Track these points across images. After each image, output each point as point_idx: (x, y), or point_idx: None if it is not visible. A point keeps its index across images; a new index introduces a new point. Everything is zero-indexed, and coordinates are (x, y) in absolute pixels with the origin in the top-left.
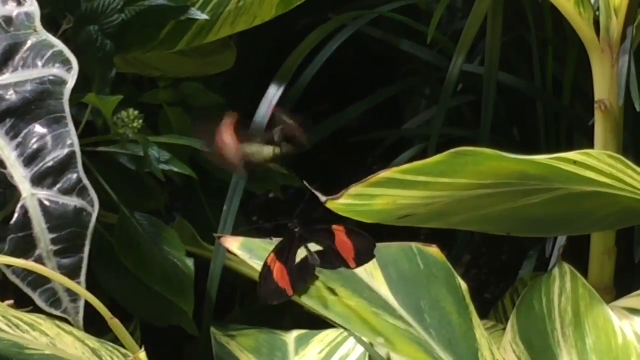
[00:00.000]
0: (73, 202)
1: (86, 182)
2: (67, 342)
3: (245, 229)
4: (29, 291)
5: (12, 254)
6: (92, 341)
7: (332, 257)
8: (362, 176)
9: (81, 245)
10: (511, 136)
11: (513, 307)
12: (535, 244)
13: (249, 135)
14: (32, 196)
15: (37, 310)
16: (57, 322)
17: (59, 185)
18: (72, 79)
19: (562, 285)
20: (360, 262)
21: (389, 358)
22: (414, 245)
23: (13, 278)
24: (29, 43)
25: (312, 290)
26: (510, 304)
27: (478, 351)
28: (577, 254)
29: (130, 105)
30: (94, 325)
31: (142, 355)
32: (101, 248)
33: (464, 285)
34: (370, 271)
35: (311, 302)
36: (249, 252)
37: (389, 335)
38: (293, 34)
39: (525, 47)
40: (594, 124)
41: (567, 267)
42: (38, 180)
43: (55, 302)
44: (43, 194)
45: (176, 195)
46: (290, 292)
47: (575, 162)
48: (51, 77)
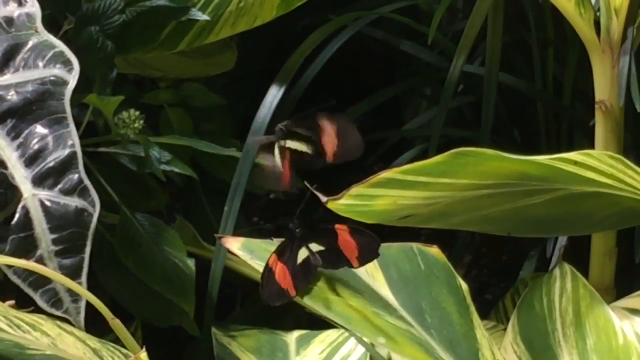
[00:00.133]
0: (74, 202)
1: (87, 182)
2: (68, 343)
3: (246, 229)
4: (30, 291)
5: (13, 254)
6: (93, 341)
7: (334, 257)
8: (362, 176)
9: (82, 245)
10: (512, 137)
11: (514, 308)
12: (536, 244)
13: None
14: (33, 196)
15: (38, 310)
16: (58, 323)
17: (60, 186)
18: (73, 80)
19: (563, 285)
20: (363, 261)
21: (389, 358)
22: (415, 245)
23: (14, 278)
24: (30, 43)
25: (313, 290)
26: (510, 304)
27: (479, 351)
28: (577, 255)
29: (131, 105)
30: (95, 325)
31: (143, 355)
32: (102, 248)
33: (464, 286)
34: (371, 271)
35: (312, 302)
36: (250, 253)
37: (389, 336)
38: (294, 35)
39: (525, 47)
40: (594, 125)
41: (567, 267)
42: (39, 181)
43: (56, 302)
44: (44, 194)
45: (177, 196)
46: (293, 292)
47: (575, 163)
48: (52, 78)
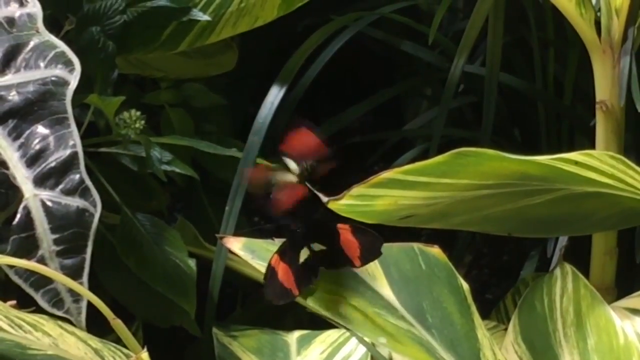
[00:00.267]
0: (75, 202)
1: (88, 182)
2: (69, 343)
3: (248, 229)
4: (31, 291)
5: (15, 254)
6: (95, 341)
7: (336, 257)
8: (363, 177)
9: (83, 245)
10: (512, 137)
11: (514, 308)
12: (537, 244)
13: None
14: (34, 197)
15: (39, 310)
16: (60, 323)
17: (61, 186)
18: (74, 80)
19: (564, 285)
20: (365, 260)
21: (390, 358)
22: (416, 245)
23: (15, 278)
24: (31, 44)
25: (315, 290)
26: (511, 305)
27: (480, 351)
28: (578, 255)
29: (132, 106)
30: (96, 325)
31: (145, 355)
32: (103, 248)
33: (465, 286)
34: (372, 271)
35: (313, 302)
36: (251, 253)
37: (391, 336)
38: (295, 35)
39: (526, 47)
40: (595, 125)
41: (568, 267)
42: (40, 181)
43: (58, 302)
44: (45, 194)
45: (178, 196)
46: (296, 292)
47: (576, 163)
48: (53, 78)
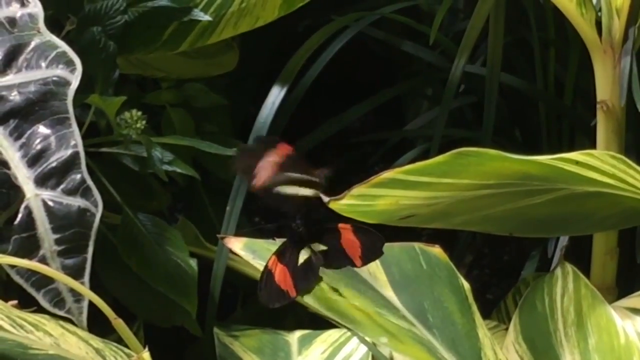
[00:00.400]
0: (77, 202)
1: (90, 182)
2: (70, 342)
3: (248, 229)
4: (32, 291)
5: (16, 254)
6: (96, 341)
7: (337, 257)
8: (364, 177)
9: (85, 245)
10: (513, 137)
11: (515, 308)
12: (537, 244)
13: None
14: (35, 196)
15: (40, 310)
16: (61, 322)
17: (62, 186)
18: (75, 80)
19: (565, 285)
20: (367, 260)
21: (391, 357)
22: (417, 245)
23: (17, 278)
24: (33, 44)
25: (316, 290)
26: (512, 304)
27: (481, 350)
28: (579, 254)
29: (133, 106)
30: (98, 325)
31: (146, 355)
32: (104, 248)
33: (466, 285)
34: (373, 271)
35: (314, 302)
36: (252, 253)
37: (392, 335)
38: (295, 35)
39: (527, 48)
40: (595, 125)
41: (569, 267)
42: (42, 181)
43: (59, 302)
44: (47, 194)
45: (179, 196)
46: (294, 293)
47: (577, 163)
48: (55, 78)
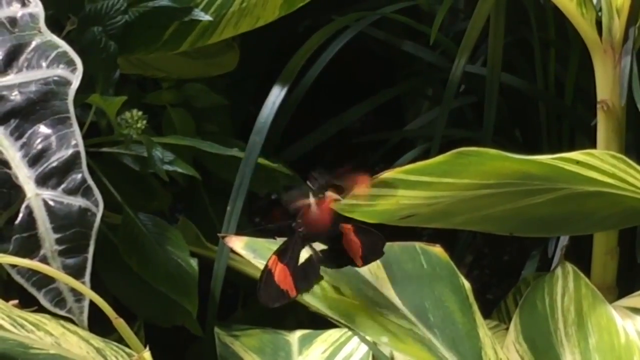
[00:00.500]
0: (77, 202)
1: (90, 182)
2: (71, 342)
3: (249, 230)
4: (33, 291)
5: (17, 253)
6: (97, 341)
7: (338, 256)
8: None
9: (85, 245)
10: (513, 137)
11: (515, 307)
12: (538, 244)
13: None
14: (36, 196)
15: (41, 309)
16: (62, 322)
17: (63, 186)
18: (76, 80)
19: (565, 284)
20: (368, 259)
21: (392, 357)
22: (418, 244)
23: (18, 278)
24: (33, 44)
25: (316, 289)
26: (512, 304)
27: (481, 350)
28: (579, 254)
29: (134, 106)
30: (98, 325)
31: (147, 354)
32: (105, 248)
33: (467, 285)
34: (374, 271)
35: (315, 301)
36: (253, 252)
37: (393, 334)
38: (296, 35)
39: (527, 48)
40: (596, 124)
41: (569, 266)
42: (42, 181)
43: (60, 301)
44: (47, 194)
45: (179, 196)
46: (293, 292)
47: (577, 162)
48: (55, 78)
